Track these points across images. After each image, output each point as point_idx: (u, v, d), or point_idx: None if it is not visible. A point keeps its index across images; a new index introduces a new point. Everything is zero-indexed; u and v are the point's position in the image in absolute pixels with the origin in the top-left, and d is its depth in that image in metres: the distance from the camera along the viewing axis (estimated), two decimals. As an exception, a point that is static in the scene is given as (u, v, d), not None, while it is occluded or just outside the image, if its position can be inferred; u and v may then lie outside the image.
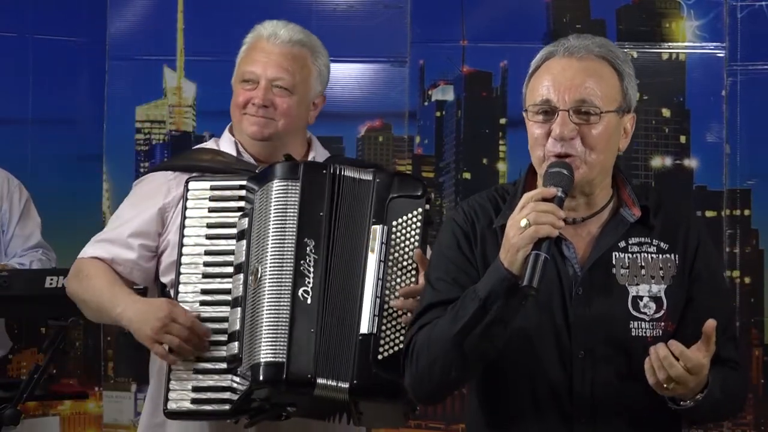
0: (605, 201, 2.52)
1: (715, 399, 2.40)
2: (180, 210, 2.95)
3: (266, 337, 2.71)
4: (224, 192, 2.93)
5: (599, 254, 2.46)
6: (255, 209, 2.84)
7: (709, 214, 4.68)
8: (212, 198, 2.92)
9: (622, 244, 2.49)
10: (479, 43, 4.87)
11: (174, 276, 2.92)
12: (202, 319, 2.84)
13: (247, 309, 2.77)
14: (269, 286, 2.75)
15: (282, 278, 2.75)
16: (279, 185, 2.82)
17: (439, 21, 4.88)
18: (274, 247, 2.77)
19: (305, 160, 2.99)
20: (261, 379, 2.70)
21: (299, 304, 2.73)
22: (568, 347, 2.43)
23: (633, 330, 2.44)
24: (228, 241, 2.88)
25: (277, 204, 2.80)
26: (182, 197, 2.95)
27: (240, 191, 2.90)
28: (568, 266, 2.46)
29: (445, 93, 4.90)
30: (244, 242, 2.83)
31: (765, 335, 4.65)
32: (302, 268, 2.75)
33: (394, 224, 2.80)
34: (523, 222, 2.30)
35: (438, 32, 4.87)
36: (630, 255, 2.48)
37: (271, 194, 2.81)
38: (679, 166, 4.73)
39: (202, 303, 2.87)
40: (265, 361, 2.69)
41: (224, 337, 2.82)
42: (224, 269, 2.87)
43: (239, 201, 2.90)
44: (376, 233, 2.79)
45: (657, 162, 4.73)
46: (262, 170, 2.92)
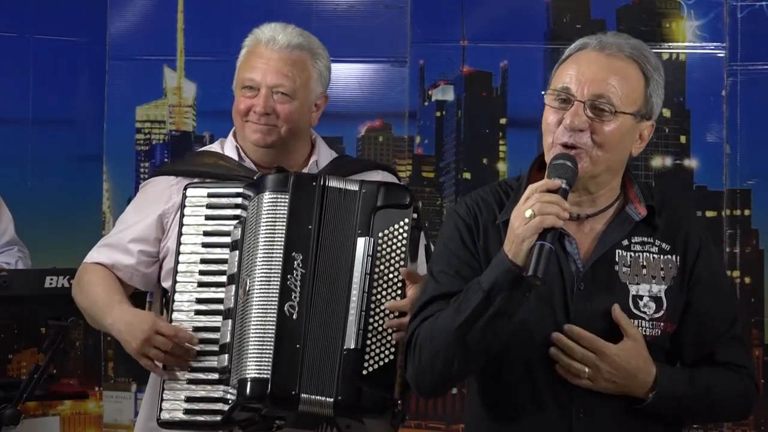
0: (611, 200, 2.52)
1: (680, 395, 2.41)
2: (178, 218, 2.96)
3: (252, 352, 2.73)
4: (221, 200, 2.93)
5: (604, 250, 2.47)
6: (248, 220, 2.85)
7: (709, 214, 4.67)
8: (209, 205, 2.93)
9: (625, 242, 2.49)
10: (479, 43, 4.86)
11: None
12: (197, 329, 2.86)
13: (237, 322, 2.79)
14: (257, 301, 2.76)
15: (269, 292, 2.76)
16: (269, 198, 2.83)
17: (439, 21, 4.87)
18: (263, 261, 2.78)
19: (296, 172, 2.97)
20: (247, 395, 2.72)
21: (285, 320, 2.74)
22: (569, 342, 2.43)
23: (633, 328, 2.45)
24: (224, 250, 2.89)
25: (267, 217, 2.81)
26: (181, 204, 2.95)
27: (236, 199, 2.91)
28: (570, 262, 2.46)
29: (445, 93, 4.89)
30: (237, 253, 2.84)
31: (765, 335, 4.65)
32: (289, 283, 2.76)
33: (380, 236, 2.80)
34: (528, 213, 2.31)
35: (438, 32, 4.87)
36: (632, 254, 2.49)
37: (262, 206, 2.82)
38: (679, 166, 4.72)
39: (197, 312, 2.89)
40: (251, 377, 2.72)
41: (217, 348, 2.83)
42: (219, 278, 2.88)
43: (236, 209, 2.91)
44: (361, 246, 2.79)
45: (657, 162, 4.72)
46: (257, 179, 2.92)
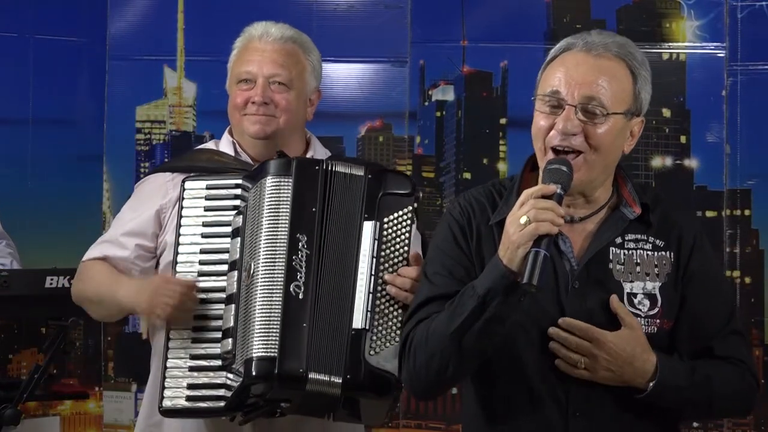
0: (605, 201, 2.52)
1: (680, 385, 2.41)
2: (177, 211, 2.97)
3: (258, 333, 2.72)
4: (220, 191, 2.94)
5: (598, 248, 2.47)
6: (249, 206, 2.85)
7: (709, 214, 4.67)
8: (208, 197, 2.94)
9: (619, 240, 2.49)
10: (479, 43, 4.86)
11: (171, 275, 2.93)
12: (197, 317, 2.86)
13: (241, 305, 2.78)
14: (261, 282, 2.76)
15: (274, 273, 2.76)
16: (272, 181, 2.83)
17: (439, 21, 4.87)
18: (267, 243, 2.78)
19: (298, 157, 2.99)
20: (254, 374, 2.70)
21: (291, 299, 2.74)
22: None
23: (628, 325, 2.45)
24: (224, 240, 2.89)
25: (270, 200, 2.81)
26: (179, 197, 2.96)
27: (235, 190, 2.92)
28: (564, 260, 2.46)
29: (446, 93, 4.90)
30: (239, 240, 2.84)
31: (765, 335, 4.65)
32: (294, 264, 2.76)
33: (386, 221, 2.81)
34: (523, 219, 2.30)
35: (438, 32, 4.87)
36: (626, 251, 2.49)
37: (265, 190, 2.82)
38: (680, 166, 4.72)
39: (198, 301, 2.87)
40: (258, 356, 2.70)
41: (219, 335, 2.83)
42: (220, 267, 2.88)
43: (235, 200, 2.91)
44: (368, 229, 2.79)
45: (657, 162, 4.72)
46: (257, 168, 2.93)
